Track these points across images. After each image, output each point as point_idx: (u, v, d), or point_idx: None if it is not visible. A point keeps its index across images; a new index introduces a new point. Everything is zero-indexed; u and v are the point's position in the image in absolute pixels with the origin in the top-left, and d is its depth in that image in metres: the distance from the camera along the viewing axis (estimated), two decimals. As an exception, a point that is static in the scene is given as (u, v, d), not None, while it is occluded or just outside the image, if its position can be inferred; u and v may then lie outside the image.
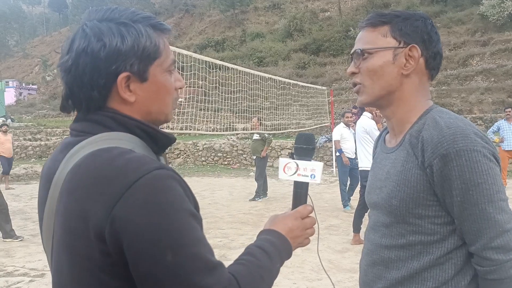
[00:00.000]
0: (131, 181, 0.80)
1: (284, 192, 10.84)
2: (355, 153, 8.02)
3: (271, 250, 1.02)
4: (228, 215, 8.15)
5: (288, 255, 1.08)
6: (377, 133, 5.96)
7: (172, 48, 6.69)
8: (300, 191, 1.20)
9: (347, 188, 8.28)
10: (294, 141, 1.28)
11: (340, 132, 8.20)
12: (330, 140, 13.69)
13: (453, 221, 1.15)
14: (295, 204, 1.19)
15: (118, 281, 0.83)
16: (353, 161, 8.05)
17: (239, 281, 0.88)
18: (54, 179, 0.90)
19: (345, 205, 8.20)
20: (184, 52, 7.20)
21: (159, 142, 0.97)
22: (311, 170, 1.19)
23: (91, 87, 0.90)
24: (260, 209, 8.74)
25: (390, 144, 1.33)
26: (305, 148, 1.21)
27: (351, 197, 8.33)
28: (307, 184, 1.20)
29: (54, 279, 0.92)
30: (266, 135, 9.83)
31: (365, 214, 6.12)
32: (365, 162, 5.97)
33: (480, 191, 1.09)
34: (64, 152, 0.92)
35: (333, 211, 8.29)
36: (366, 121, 6.11)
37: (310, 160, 1.20)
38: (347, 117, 8.29)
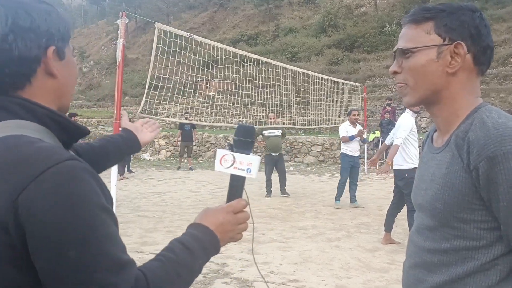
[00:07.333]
0: (40, 170, 0.76)
1: (314, 188, 10.78)
2: (359, 151, 8.67)
3: (194, 245, 0.98)
4: (257, 209, 8.15)
5: (216, 251, 1.05)
6: (404, 127, 5.68)
7: (206, 41, 6.72)
8: (236, 184, 1.15)
9: (345, 185, 8.57)
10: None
11: (346, 129, 8.58)
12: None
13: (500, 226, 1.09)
14: (230, 198, 1.15)
15: (23, 274, 0.78)
16: (355, 159, 8.57)
17: (148, 279, 0.84)
18: None
19: (336, 200, 8.55)
20: (219, 45, 7.22)
21: (70, 133, 0.94)
22: (247, 164, 1.13)
23: (20, 62, 0.87)
24: (290, 205, 8.72)
25: (437, 144, 1.28)
26: (243, 141, 1.15)
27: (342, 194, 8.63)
28: (244, 178, 1.15)
29: None
30: (285, 130, 10.18)
31: (398, 213, 6.00)
32: (399, 161, 5.81)
33: None
34: None
35: (363, 209, 8.19)
36: (405, 118, 5.88)
37: (249, 154, 1.14)
38: (354, 115, 8.69)
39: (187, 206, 8.69)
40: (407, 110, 5.96)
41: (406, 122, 5.75)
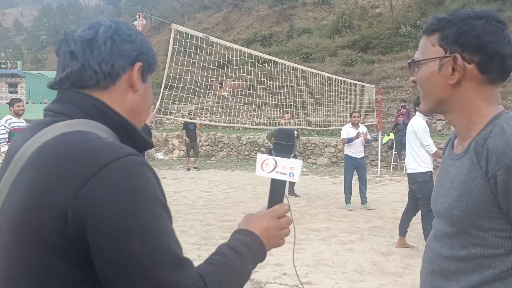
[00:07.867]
0: (104, 162, 0.78)
1: (327, 190, 10.74)
2: (362, 152, 8.58)
3: (244, 251, 0.98)
4: (270, 210, 8.13)
5: (262, 256, 1.04)
6: (421, 134, 5.59)
7: (220, 41, 6.74)
8: (277, 189, 1.15)
9: (351, 186, 8.54)
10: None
11: (347, 131, 8.60)
12: (376, 139, 13.42)
13: None
14: (272, 203, 1.14)
15: (70, 266, 0.78)
16: (358, 161, 8.53)
17: (206, 281, 0.84)
18: (16, 155, 0.86)
19: (347, 202, 8.50)
20: (234, 46, 7.23)
21: (135, 144, 0.94)
22: (290, 168, 1.13)
23: (112, 64, 0.93)
24: (303, 206, 8.70)
25: (457, 150, 1.27)
26: (285, 144, 1.14)
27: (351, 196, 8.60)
28: (284, 182, 1.15)
29: None
30: (299, 132, 10.12)
31: (413, 217, 5.93)
32: (412, 164, 5.73)
33: None
34: (35, 130, 0.89)
35: (377, 212, 8.13)
36: (416, 121, 5.81)
37: (289, 158, 1.14)
38: (354, 117, 8.72)
39: (200, 206, 8.73)
40: (417, 113, 5.94)
41: (421, 126, 5.65)
